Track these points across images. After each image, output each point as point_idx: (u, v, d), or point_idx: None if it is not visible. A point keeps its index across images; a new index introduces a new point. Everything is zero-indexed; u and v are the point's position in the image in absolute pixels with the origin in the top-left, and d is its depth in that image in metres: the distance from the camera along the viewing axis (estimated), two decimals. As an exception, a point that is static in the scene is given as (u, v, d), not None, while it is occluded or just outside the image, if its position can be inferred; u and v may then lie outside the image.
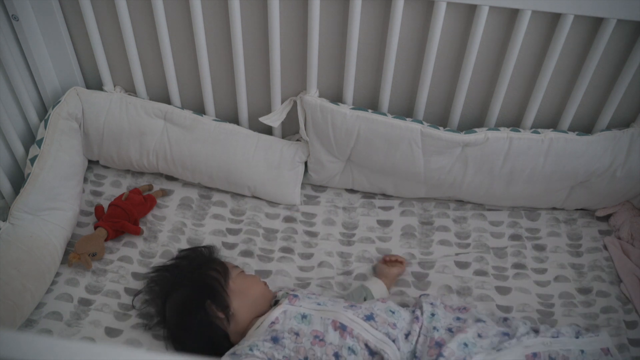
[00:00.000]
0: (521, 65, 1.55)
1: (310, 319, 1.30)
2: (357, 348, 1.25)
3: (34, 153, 1.57)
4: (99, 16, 1.60)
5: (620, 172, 1.60)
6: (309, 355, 1.25)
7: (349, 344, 1.25)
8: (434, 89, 1.63)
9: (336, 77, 1.64)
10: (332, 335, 1.27)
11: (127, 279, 1.56)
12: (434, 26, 1.45)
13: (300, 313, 1.31)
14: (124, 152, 1.72)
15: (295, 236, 1.68)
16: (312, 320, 1.29)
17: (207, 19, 1.55)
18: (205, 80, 1.65)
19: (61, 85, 1.72)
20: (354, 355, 1.24)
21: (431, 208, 1.75)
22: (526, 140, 1.56)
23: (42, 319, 1.46)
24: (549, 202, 1.71)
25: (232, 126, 1.70)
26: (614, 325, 1.47)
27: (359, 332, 1.27)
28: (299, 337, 1.27)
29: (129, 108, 1.68)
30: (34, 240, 1.49)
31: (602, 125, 1.61)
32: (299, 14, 1.51)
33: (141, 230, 1.65)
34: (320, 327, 1.28)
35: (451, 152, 1.60)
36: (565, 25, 1.41)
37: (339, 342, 1.26)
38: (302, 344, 1.26)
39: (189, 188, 1.78)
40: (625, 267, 1.57)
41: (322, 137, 1.64)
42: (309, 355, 1.25)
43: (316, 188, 1.81)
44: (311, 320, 1.30)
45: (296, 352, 1.25)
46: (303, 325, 1.29)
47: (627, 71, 1.48)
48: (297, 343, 1.26)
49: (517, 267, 1.61)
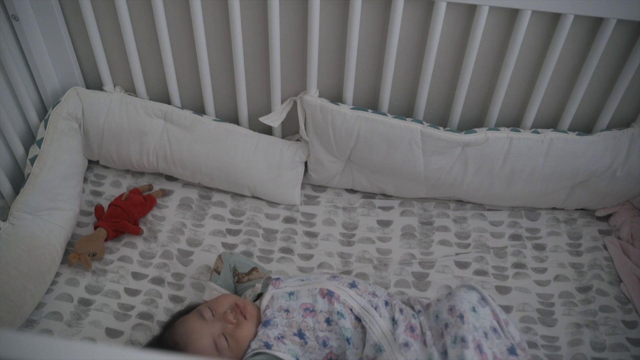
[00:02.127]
0: (521, 65, 1.55)
1: (297, 294, 1.31)
2: (345, 312, 1.27)
3: (34, 153, 1.57)
4: (99, 16, 1.61)
5: (620, 172, 1.60)
6: (302, 328, 1.27)
7: (337, 308, 1.28)
8: (434, 89, 1.63)
9: (336, 77, 1.64)
10: (321, 304, 1.29)
11: (127, 279, 1.56)
12: (434, 26, 1.45)
13: (287, 292, 1.32)
14: (124, 152, 1.72)
15: (295, 237, 1.68)
16: (299, 295, 1.31)
17: (207, 19, 1.55)
18: (205, 80, 1.65)
19: (61, 85, 1.72)
20: (344, 319, 1.27)
21: (431, 208, 1.75)
22: (526, 140, 1.56)
23: (42, 319, 1.46)
24: (549, 202, 1.71)
25: (232, 126, 1.70)
26: (611, 324, 1.47)
27: (345, 299, 1.29)
28: (290, 312, 1.29)
29: (129, 108, 1.68)
30: (34, 240, 1.49)
31: (602, 125, 1.61)
32: (299, 14, 1.51)
33: (141, 230, 1.64)
34: (309, 298, 1.30)
35: (451, 152, 1.60)
36: (565, 25, 1.41)
37: (328, 308, 1.28)
38: (293, 318, 1.28)
39: (189, 188, 1.78)
40: (625, 267, 1.57)
41: (322, 137, 1.64)
42: (302, 328, 1.27)
43: (316, 188, 1.81)
44: (298, 295, 1.31)
45: (289, 327, 1.27)
46: (291, 301, 1.31)
47: (627, 71, 1.49)
48: (288, 319, 1.28)
49: (517, 267, 1.61)
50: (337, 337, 1.27)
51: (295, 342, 1.26)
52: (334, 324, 1.27)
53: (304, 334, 1.27)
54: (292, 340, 1.26)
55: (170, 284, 1.56)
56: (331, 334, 1.27)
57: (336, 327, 1.27)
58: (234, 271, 1.45)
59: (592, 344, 1.44)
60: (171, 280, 1.56)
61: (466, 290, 1.25)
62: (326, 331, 1.27)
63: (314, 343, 1.26)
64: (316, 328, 1.27)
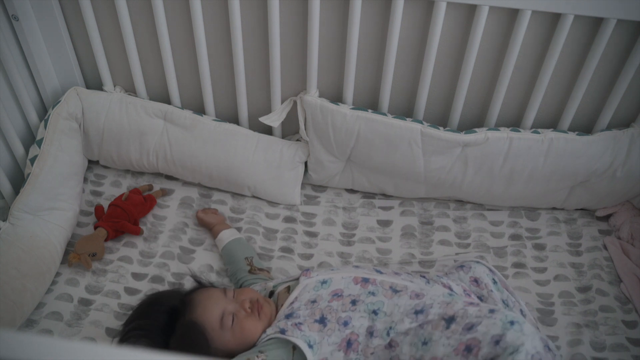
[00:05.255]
0: (521, 65, 1.55)
1: (330, 282, 1.31)
2: (378, 290, 1.27)
3: (34, 153, 1.57)
4: (99, 16, 1.61)
5: (620, 172, 1.60)
6: (324, 313, 1.25)
7: (371, 289, 1.28)
8: (434, 89, 1.63)
9: (336, 77, 1.64)
10: (352, 288, 1.29)
11: (127, 279, 1.56)
12: (434, 26, 1.45)
13: (320, 280, 1.32)
14: (124, 152, 1.72)
15: (295, 236, 1.68)
16: (332, 283, 1.31)
17: (207, 19, 1.55)
18: (205, 80, 1.65)
19: (61, 85, 1.72)
20: (373, 296, 1.26)
21: (431, 208, 1.75)
22: (526, 140, 1.56)
23: (42, 319, 1.46)
24: (549, 202, 1.71)
25: (232, 126, 1.70)
26: (611, 324, 1.47)
27: (383, 279, 1.29)
28: (316, 302, 1.28)
29: (129, 108, 1.68)
30: (34, 240, 1.49)
31: (602, 125, 1.61)
32: (299, 14, 1.51)
33: (141, 230, 1.65)
34: (341, 284, 1.30)
35: (451, 152, 1.60)
36: (565, 25, 1.41)
37: (358, 292, 1.28)
38: (318, 306, 1.27)
39: (189, 187, 1.78)
40: (625, 267, 1.57)
41: (322, 137, 1.64)
42: (324, 313, 1.25)
43: (316, 188, 1.81)
44: (331, 282, 1.31)
45: (311, 316, 1.25)
46: (322, 290, 1.30)
47: (627, 71, 1.49)
48: (312, 309, 1.27)
49: (517, 267, 1.61)
50: (361, 315, 1.24)
51: (313, 328, 1.23)
52: (360, 303, 1.26)
53: (325, 317, 1.25)
54: (310, 327, 1.24)
55: (170, 283, 1.56)
56: (354, 313, 1.25)
57: (362, 304, 1.25)
58: (249, 261, 1.51)
59: (592, 343, 1.44)
60: (171, 280, 1.56)
61: (477, 264, 1.40)
62: (349, 311, 1.25)
63: (334, 325, 1.24)
64: (339, 310, 1.26)
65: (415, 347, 1.18)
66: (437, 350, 1.14)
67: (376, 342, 1.22)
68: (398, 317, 1.22)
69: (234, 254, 1.55)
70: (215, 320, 1.25)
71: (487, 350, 1.08)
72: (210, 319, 1.26)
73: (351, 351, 1.23)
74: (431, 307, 1.22)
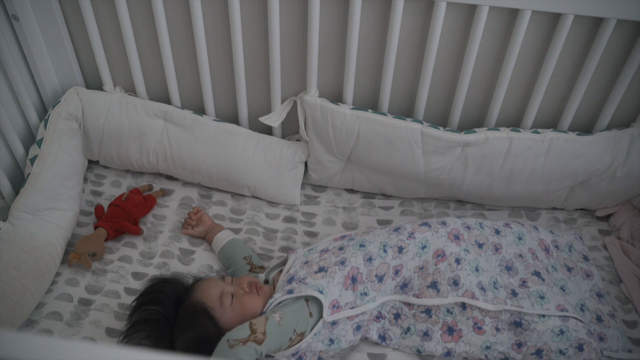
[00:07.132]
0: (521, 65, 1.55)
1: (315, 248, 1.47)
2: (356, 236, 1.46)
3: (34, 153, 1.57)
4: (99, 16, 1.61)
5: (620, 172, 1.60)
6: (321, 265, 1.38)
7: (349, 239, 1.46)
8: (434, 89, 1.63)
9: (336, 77, 1.64)
10: (335, 244, 1.46)
11: (127, 279, 1.56)
12: (434, 26, 1.45)
13: (306, 250, 1.47)
14: (124, 152, 1.72)
15: (295, 236, 1.68)
16: (317, 247, 1.46)
17: (207, 19, 1.55)
18: (205, 80, 1.65)
19: (61, 85, 1.72)
20: (353, 240, 1.44)
21: (431, 208, 1.75)
22: (526, 140, 1.56)
23: (42, 319, 1.46)
24: (549, 202, 1.71)
25: (232, 126, 1.70)
26: (613, 325, 1.47)
27: (357, 233, 1.51)
28: (308, 262, 1.40)
29: (129, 108, 1.68)
30: (34, 240, 1.49)
31: (602, 125, 1.61)
32: (299, 14, 1.51)
33: (141, 230, 1.65)
34: (325, 245, 1.47)
35: (451, 152, 1.60)
36: (565, 25, 1.41)
37: (340, 243, 1.45)
38: (312, 262, 1.39)
39: (189, 188, 1.78)
40: (625, 267, 1.57)
41: (322, 137, 1.64)
42: (321, 265, 1.38)
43: (316, 188, 1.81)
44: (316, 247, 1.46)
45: (310, 271, 1.37)
46: (311, 254, 1.44)
47: (627, 71, 1.49)
48: (308, 267, 1.38)
49: (517, 267, 1.61)
50: (353, 252, 1.38)
51: (317, 277, 1.34)
52: (346, 246, 1.41)
53: (322, 267, 1.37)
54: (313, 277, 1.34)
55: (170, 284, 1.56)
56: (346, 254, 1.38)
57: (349, 246, 1.40)
58: (249, 260, 1.54)
59: (592, 344, 1.44)
60: (171, 280, 1.56)
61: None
62: (341, 255, 1.39)
63: (333, 267, 1.35)
64: (332, 257, 1.39)
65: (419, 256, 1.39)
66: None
67: (377, 262, 1.37)
68: (384, 237, 1.41)
69: (232, 256, 1.56)
70: (214, 299, 1.32)
71: None
72: (210, 298, 1.32)
73: (357, 284, 1.35)
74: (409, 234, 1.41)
